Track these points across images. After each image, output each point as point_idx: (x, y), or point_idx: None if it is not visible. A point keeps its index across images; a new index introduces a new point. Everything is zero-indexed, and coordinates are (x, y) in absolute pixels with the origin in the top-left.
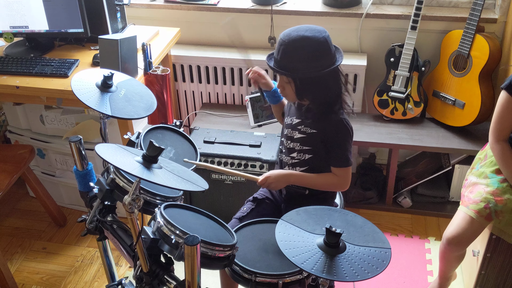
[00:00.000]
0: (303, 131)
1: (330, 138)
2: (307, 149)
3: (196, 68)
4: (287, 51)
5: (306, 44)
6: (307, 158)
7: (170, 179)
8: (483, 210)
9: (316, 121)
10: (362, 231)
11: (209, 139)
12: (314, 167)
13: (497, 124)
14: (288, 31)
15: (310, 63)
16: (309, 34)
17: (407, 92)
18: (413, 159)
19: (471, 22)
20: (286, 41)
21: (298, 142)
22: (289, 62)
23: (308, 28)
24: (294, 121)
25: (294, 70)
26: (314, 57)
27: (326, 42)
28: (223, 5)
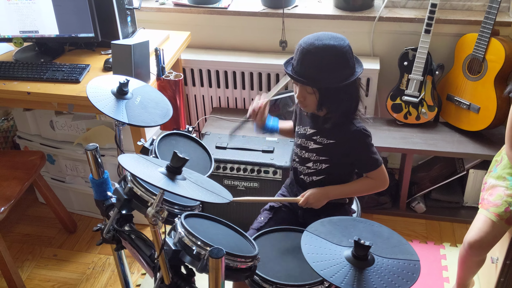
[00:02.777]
0: (319, 142)
1: (353, 149)
2: (323, 159)
3: (206, 72)
4: (312, 60)
5: (331, 54)
6: (324, 167)
7: (195, 191)
8: (504, 213)
9: (334, 131)
10: (389, 242)
11: (221, 144)
12: (331, 176)
13: (511, 131)
14: (310, 39)
15: (336, 73)
16: (333, 43)
17: (421, 96)
18: (426, 163)
19: (486, 25)
20: (309, 50)
21: (314, 153)
22: (315, 72)
23: (331, 36)
24: (308, 131)
25: (321, 81)
26: (340, 66)
27: (350, 51)
28: (233, 8)
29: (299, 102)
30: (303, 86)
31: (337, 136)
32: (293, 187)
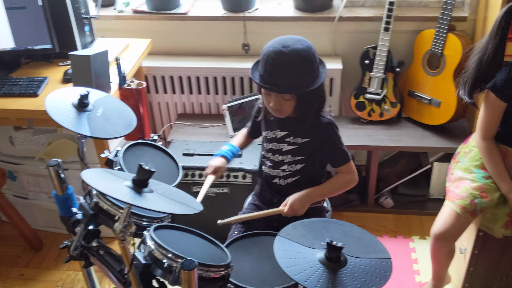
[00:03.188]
0: (293, 143)
1: (327, 142)
2: (299, 159)
3: (169, 78)
4: (286, 68)
5: (303, 57)
6: (299, 168)
7: (163, 203)
8: (469, 206)
9: (307, 129)
10: (361, 242)
11: (188, 151)
12: (305, 175)
13: (483, 123)
14: (277, 47)
15: (310, 75)
16: (301, 47)
17: (383, 93)
18: (391, 159)
19: (443, 21)
20: (283, 58)
21: (289, 154)
22: (292, 79)
23: (296, 40)
24: (278, 134)
25: (299, 86)
26: (312, 68)
27: (315, 51)
28: (194, 13)
29: (274, 110)
30: (279, 94)
31: (311, 133)
32: (265, 193)
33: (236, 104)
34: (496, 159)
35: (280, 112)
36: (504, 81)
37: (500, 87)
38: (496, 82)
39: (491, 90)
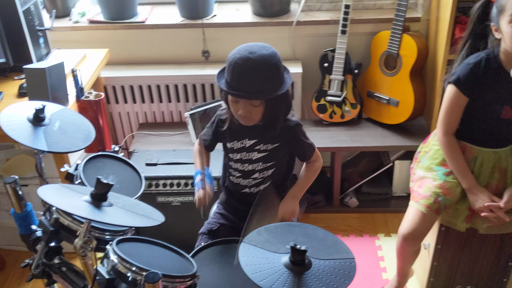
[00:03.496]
0: (263, 150)
1: (295, 143)
2: (270, 165)
3: (129, 88)
4: (254, 74)
5: (270, 62)
6: (270, 173)
7: (123, 216)
8: (433, 204)
9: (276, 134)
10: (325, 243)
11: (151, 161)
12: (275, 179)
13: (445, 117)
14: (243, 54)
15: (277, 80)
16: (266, 52)
17: (343, 95)
18: (354, 159)
19: (397, 22)
20: (250, 64)
21: (260, 162)
22: (260, 85)
23: (261, 46)
24: (247, 143)
25: (269, 91)
26: (279, 73)
27: (280, 58)
28: (151, 22)
29: (243, 118)
30: (248, 101)
31: (280, 137)
32: (231, 202)
33: (199, 111)
34: (457, 154)
35: (249, 120)
36: (467, 76)
37: (464, 81)
38: (460, 77)
39: (454, 84)
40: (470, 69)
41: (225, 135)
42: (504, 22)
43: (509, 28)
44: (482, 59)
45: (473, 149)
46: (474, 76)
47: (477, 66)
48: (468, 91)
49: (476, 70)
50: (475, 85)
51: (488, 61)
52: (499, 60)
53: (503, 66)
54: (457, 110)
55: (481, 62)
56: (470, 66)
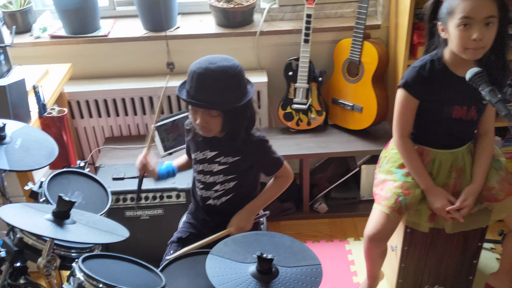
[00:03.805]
0: (224, 162)
1: (257, 158)
2: (231, 178)
3: (94, 102)
4: (212, 84)
5: (229, 74)
6: (232, 185)
7: (87, 234)
8: (395, 204)
9: (237, 147)
10: (291, 251)
11: (118, 175)
12: (239, 192)
13: (399, 121)
14: (203, 64)
15: (236, 92)
16: (227, 64)
17: (309, 102)
18: (322, 165)
19: (358, 30)
20: (208, 74)
21: (221, 174)
22: (217, 95)
23: (222, 58)
24: (208, 155)
25: (225, 102)
26: (238, 85)
27: (242, 70)
28: (114, 35)
29: (201, 128)
30: (206, 111)
31: (241, 151)
32: (199, 213)
33: (166, 123)
34: (413, 156)
35: (207, 130)
36: (414, 79)
37: (411, 84)
38: (407, 80)
39: (403, 88)
40: (416, 72)
41: (191, 146)
42: (452, 24)
43: (456, 31)
44: (427, 62)
45: (431, 152)
46: (420, 78)
47: (422, 68)
48: (416, 93)
49: (422, 72)
50: (422, 86)
51: (433, 63)
52: (443, 61)
53: (448, 67)
54: (409, 112)
55: (426, 65)
56: (416, 69)
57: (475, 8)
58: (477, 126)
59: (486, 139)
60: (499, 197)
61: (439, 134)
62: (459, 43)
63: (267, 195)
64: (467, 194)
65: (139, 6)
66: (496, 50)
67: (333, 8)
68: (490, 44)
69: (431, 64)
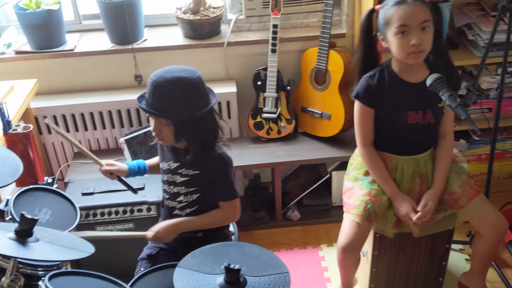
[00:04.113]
0: (185, 174)
1: (214, 175)
2: (193, 190)
3: (62, 117)
4: (163, 93)
5: (183, 85)
6: (195, 198)
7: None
8: (363, 213)
9: (197, 161)
10: (259, 260)
11: (88, 190)
12: (204, 205)
13: (359, 130)
14: (161, 72)
15: (188, 104)
16: (184, 75)
17: (278, 111)
18: (294, 172)
19: (323, 39)
20: (160, 83)
21: (183, 186)
22: (167, 104)
23: (181, 69)
24: (172, 165)
25: (173, 112)
26: (192, 98)
27: (201, 82)
28: (81, 49)
29: (156, 135)
30: (158, 118)
31: (200, 166)
32: None
33: (135, 135)
34: (377, 164)
35: (161, 138)
36: (364, 89)
37: (363, 94)
38: (359, 91)
39: (356, 98)
40: (365, 82)
41: (159, 155)
42: (390, 34)
43: (395, 39)
44: (376, 71)
45: (393, 158)
46: (369, 88)
47: (371, 78)
48: (369, 103)
49: (370, 82)
50: (372, 95)
51: (382, 72)
52: (392, 69)
53: (397, 74)
54: (367, 122)
55: (375, 74)
56: (365, 79)
57: (409, 15)
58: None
59: (445, 141)
60: (462, 203)
61: (398, 140)
62: (400, 50)
63: (202, 221)
64: (427, 199)
65: (105, 19)
66: (437, 52)
67: (299, 18)
68: (429, 46)
69: (380, 73)
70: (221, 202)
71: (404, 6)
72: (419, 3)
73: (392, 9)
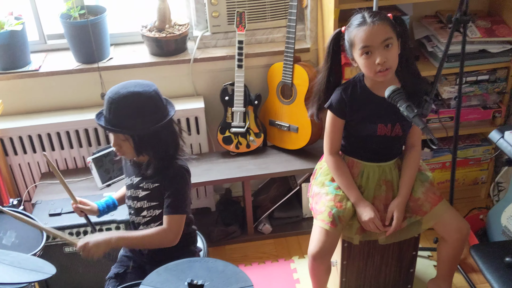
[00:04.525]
0: (146, 188)
1: (167, 186)
2: (155, 205)
3: (28, 138)
4: (119, 108)
5: (139, 100)
6: (158, 214)
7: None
8: (328, 218)
9: (157, 174)
10: (224, 275)
11: (55, 211)
12: None
13: (328, 139)
14: (116, 88)
15: (145, 118)
16: (139, 90)
17: (246, 125)
18: (265, 185)
19: (288, 54)
20: (116, 99)
21: (145, 200)
22: (123, 120)
23: (137, 84)
24: (134, 180)
25: (130, 127)
26: (148, 112)
27: (157, 96)
28: (46, 69)
29: (116, 150)
30: (116, 134)
31: (159, 178)
32: None
33: (103, 154)
34: (343, 171)
35: (122, 153)
36: (338, 100)
37: (336, 106)
38: (332, 102)
39: (329, 109)
40: (339, 94)
41: (124, 171)
42: (356, 55)
43: (361, 59)
44: (350, 85)
45: (360, 164)
46: (343, 100)
47: (345, 91)
48: (341, 114)
49: (344, 94)
50: (345, 108)
51: (355, 85)
52: (364, 83)
53: (369, 88)
54: (336, 131)
55: (348, 87)
56: (340, 92)
57: (370, 36)
58: (404, 142)
59: (412, 152)
60: (425, 208)
61: (366, 148)
62: (368, 70)
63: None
64: (391, 209)
65: (69, 39)
66: (404, 65)
67: (264, 33)
68: (395, 63)
69: (353, 87)
70: (165, 215)
71: (364, 27)
72: (378, 22)
73: (354, 31)
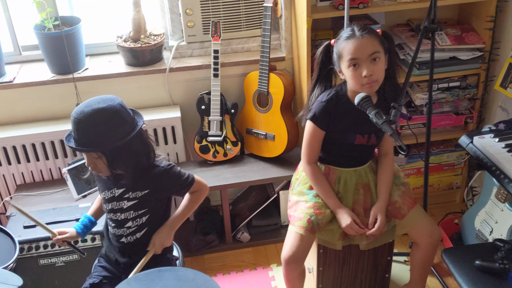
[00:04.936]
0: (133, 197)
1: (169, 186)
2: (142, 212)
3: (2, 150)
4: (87, 127)
5: (104, 116)
6: (145, 220)
7: None
8: (307, 224)
9: (144, 181)
10: (194, 284)
11: (30, 223)
12: (152, 225)
13: (307, 149)
14: (80, 107)
15: (112, 132)
16: (103, 105)
17: (223, 134)
18: (243, 194)
19: (263, 63)
20: (82, 118)
21: (131, 210)
22: (93, 138)
23: (100, 100)
24: (116, 192)
25: (101, 144)
26: (115, 126)
27: (123, 108)
28: (20, 80)
29: (92, 169)
30: (89, 153)
31: (150, 184)
32: (111, 254)
33: (79, 165)
34: (320, 180)
35: (98, 171)
36: (321, 112)
37: (319, 117)
38: (316, 113)
39: (311, 120)
40: (323, 106)
41: (99, 185)
42: (344, 67)
43: (349, 71)
44: (333, 97)
45: (336, 171)
46: (327, 112)
47: (329, 103)
48: (323, 126)
49: (328, 106)
50: (328, 120)
51: (338, 97)
52: (347, 96)
53: (351, 101)
54: (316, 142)
55: (332, 99)
56: (323, 104)
57: (358, 49)
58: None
59: (387, 159)
60: (403, 211)
61: (343, 157)
62: (354, 82)
63: (185, 210)
64: (375, 212)
65: (44, 50)
66: (389, 77)
67: (240, 43)
68: (381, 76)
69: (337, 99)
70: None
71: (353, 40)
72: (367, 36)
73: (343, 44)
